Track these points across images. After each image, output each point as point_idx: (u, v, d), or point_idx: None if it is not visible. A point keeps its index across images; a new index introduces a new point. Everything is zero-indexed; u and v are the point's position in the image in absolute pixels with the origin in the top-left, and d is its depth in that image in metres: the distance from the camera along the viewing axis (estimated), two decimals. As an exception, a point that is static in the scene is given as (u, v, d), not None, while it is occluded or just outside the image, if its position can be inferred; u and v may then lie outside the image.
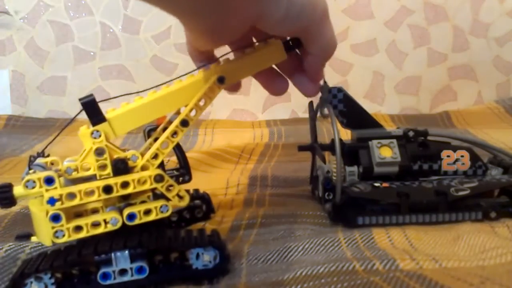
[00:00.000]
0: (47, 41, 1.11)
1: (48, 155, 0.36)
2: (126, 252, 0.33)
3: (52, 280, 0.32)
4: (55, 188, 0.32)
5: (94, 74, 1.13)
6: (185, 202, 0.36)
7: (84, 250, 0.33)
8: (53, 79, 1.13)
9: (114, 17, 1.11)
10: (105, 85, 1.13)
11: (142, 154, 0.35)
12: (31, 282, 0.32)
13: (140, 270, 0.34)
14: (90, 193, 0.33)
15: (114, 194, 0.33)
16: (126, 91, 1.18)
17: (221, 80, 0.36)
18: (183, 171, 0.49)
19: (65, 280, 0.33)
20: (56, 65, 1.12)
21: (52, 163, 0.36)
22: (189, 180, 0.49)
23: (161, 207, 0.34)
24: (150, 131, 0.43)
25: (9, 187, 0.33)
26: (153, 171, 0.34)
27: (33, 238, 0.38)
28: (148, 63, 1.12)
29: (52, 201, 0.31)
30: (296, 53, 0.42)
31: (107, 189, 0.33)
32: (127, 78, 1.13)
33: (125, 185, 0.33)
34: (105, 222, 0.33)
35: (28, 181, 0.32)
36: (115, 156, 0.34)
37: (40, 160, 0.35)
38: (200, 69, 0.38)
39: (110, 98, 0.35)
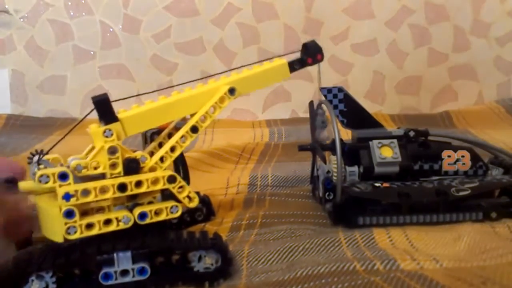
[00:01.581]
0: (47, 40, 1.11)
1: (47, 153, 0.36)
2: (129, 252, 0.33)
3: (54, 279, 0.32)
4: (69, 184, 0.32)
5: (94, 73, 1.12)
6: (195, 203, 0.36)
7: (86, 249, 0.33)
8: (53, 78, 1.12)
9: (114, 16, 1.11)
10: (105, 84, 1.13)
11: None
12: (32, 280, 0.32)
13: (141, 271, 0.34)
14: (105, 190, 0.33)
15: (128, 192, 0.33)
16: (126, 90, 1.18)
17: (232, 92, 0.38)
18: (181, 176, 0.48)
19: (66, 279, 0.33)
20: (56, 64, 1.12)
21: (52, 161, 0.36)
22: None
23: (171, 207, 0.35)
24: (153, 135, 0.43)
25: (12, 181, 0.33)
26: (166, 172, 0.35)
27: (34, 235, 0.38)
28: (148, 62, 1.12)
29: (67, 197, 0.31)
30: None
31: (122, 187, 0.33)
32: (127, 77, 1.13)
33: (138, 184, 0.34)
34: (117, 220, 0.33)
35: (42, 175, 0.31)
36: (126, 156, 0.34)
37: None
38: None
39: (119, 99, 0.35)
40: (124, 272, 0.33)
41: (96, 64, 1.12)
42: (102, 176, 0.33)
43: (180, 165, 0.48)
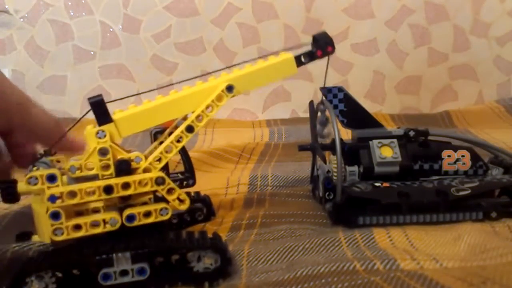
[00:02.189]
0: (47, 40, 1.11)
1: (55, 153, 0.36)
2: (128, 253, 0.33)
3: (53, 279, 0.32)
4: (57, 185, 0.32)
5: (94, 74, 1.13)
6: (186, 205, 0.36)
7: (85, 250, 0.33)
8: (53, 79, 1.13)
9: (114, 16, 1.11)
10: (105, 84, 1.13)
11: (146, 157, 0.35)
12: (32, 281, 0.32)
13: (141, 271, 0.34)
14: (91, 192, 0.33)
15: (115, 194, 0.33)
16: (126, 90, 1.18)
17: (230, 89, 0.37)
18: (188, 175, 0.49)
19: (66, 279, 0.33)
20: (56, 64, 1.12)
21: (58, 161, 0.36)
22: (193, 184, 0.49)
23: (161, 210, 0.34)
24: (157, 134, 0.43)
25: (13, 182, 0.33)
26: (154, 173, 0.34)
27: (34, 238, 0.38)
28: (148, 62, 1.12)
29: (53, 199, 0.31)
30: None
31: (108, 189, 0.33)
32: (127, 77, 1.13)
33: (126, 186, 0.33)
34: (104, 222, 0.33)
35: (30, 177, 0.32)
36: (118, 157, 0.34)
37: (46, 158, 0.35)
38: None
39: (115, 100, 0.35)
40: (124, 272, 0.33)
41: (96, 64, 1.12)
42: (97, 178, 0.33)
43: (186, 163, 0.48)
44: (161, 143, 0.40)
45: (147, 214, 0.34)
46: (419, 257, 0.36)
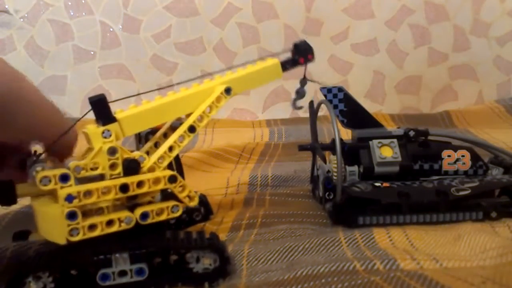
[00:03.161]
0: (47, 40, 1.11)
1: (40, 155, 0.36)
2: (126, 253, 0.33)
3: (51, 279, 0.32)
4: (70, 185, 0.32)
5: (94, 73, 1.13)
6: (195, 202, 0.36)
7: (83, 250, 0.33)
8: (53, 78, 1.13)
9: (114, 16, 1.11)
10: (105, 84, 1.13)
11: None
12: (30, 282, 0.32)
13: (139, 272, 0.33)
14: (107, 191, 0.32)
15: (130, 193, 0.33)
16: (126, 90, 1.18)
17: (228, 91, 0.38)
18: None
19: (64, 279, 0.33)
20: (56, 64, 1.12)
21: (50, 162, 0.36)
22: None
23: (172, 207, 0.34)
24: (148, 134, 0.43)
25: (10, 183, 0.32)
26: (167, 172, 0.35)
27: (32, 236, 0.38)
28: (148, 62, 1.12)
29: (70, 199, 0.31)
30: None
31: (124, 188, 0.33)
32: (127, 77, 1.13)
33: (139, 184, 0.34)
34: (120, 220, 0.33)
35: (43, 177, 0.31)
36: (125, 156, 0.34)
37: (41, 159, 0.35)
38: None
39: (115, 100, 0.35)
40: (122, 273, 0.33)
41: (96, 64, 1.12)
42: (101, 177, 0.33)
43: (175, 164, 0.48)
44: (155, 143, 0.40)
45: (160, 212, 0.34)
46: (419, 257, 0.36)
